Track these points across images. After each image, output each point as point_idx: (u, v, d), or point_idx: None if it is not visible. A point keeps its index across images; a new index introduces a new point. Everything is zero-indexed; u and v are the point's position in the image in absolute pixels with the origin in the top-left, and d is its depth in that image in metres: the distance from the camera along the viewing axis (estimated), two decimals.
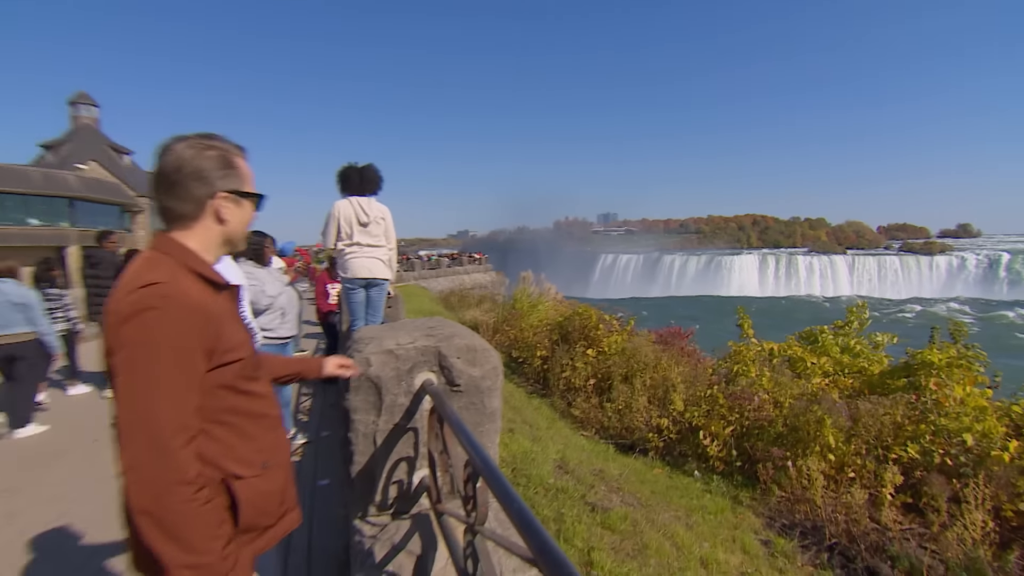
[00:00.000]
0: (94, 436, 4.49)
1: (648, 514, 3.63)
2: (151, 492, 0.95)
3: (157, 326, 1.00)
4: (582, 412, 6.70)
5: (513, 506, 0.97)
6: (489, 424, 2.09)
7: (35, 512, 3.15)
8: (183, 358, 1.03)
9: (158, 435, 0.97)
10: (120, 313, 1.02)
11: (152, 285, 1.03)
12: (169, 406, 0.99)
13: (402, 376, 1.96)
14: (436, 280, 30.81)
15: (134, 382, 0.99)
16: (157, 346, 1.00)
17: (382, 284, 3.95)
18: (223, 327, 1.12)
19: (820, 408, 4.85)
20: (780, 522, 4.35)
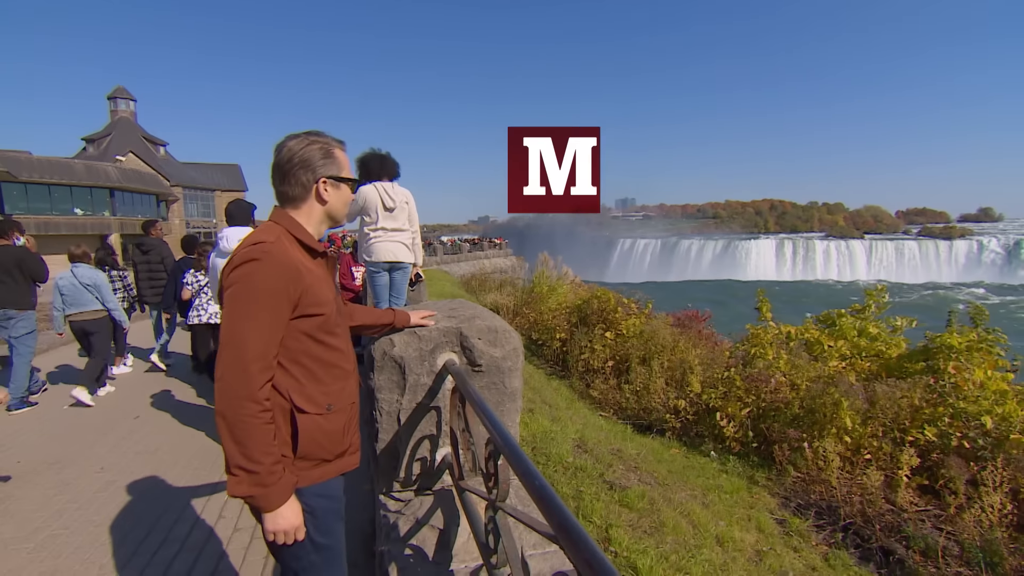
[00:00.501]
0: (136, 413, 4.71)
1: (665, 493, 3.71)
2: (227, 400, 1.20)
3: (256, 272, 1.26)
4: (600, 393, 6.78)
5: (534, 483, 1.04)
6: (510, 403, 2.17)
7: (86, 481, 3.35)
8: (273, 301, 1.27)
9: (242, 356, 1.22)
10: (233, 261, 1.30)
11: (260, 243, 1.30)
12: (255, 336, 1.24)
13: (425, 356, 2.05)
14: (457, 265, 31.06)
15: (233, 312, 1.25)
16: (255, 288, 1.25)
17: (405, 267, 4.04)
18: (312, 285, 1.35)
19: (837, 390, 4.85)
20: (795, 502, 4.40)
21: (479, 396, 1.65)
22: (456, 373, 1.92)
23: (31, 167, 27.41)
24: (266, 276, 1.26)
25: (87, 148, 38.21)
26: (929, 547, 3.54)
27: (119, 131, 37.88)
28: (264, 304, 1.26)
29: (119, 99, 39.90)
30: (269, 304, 1.26)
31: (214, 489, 3.20)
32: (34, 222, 26.55)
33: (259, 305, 1.25)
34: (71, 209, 29.01)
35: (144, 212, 33.34)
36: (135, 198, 32.90)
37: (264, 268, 1.26)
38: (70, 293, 5.19)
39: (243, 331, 1.23)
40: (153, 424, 4.45)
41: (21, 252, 4.96)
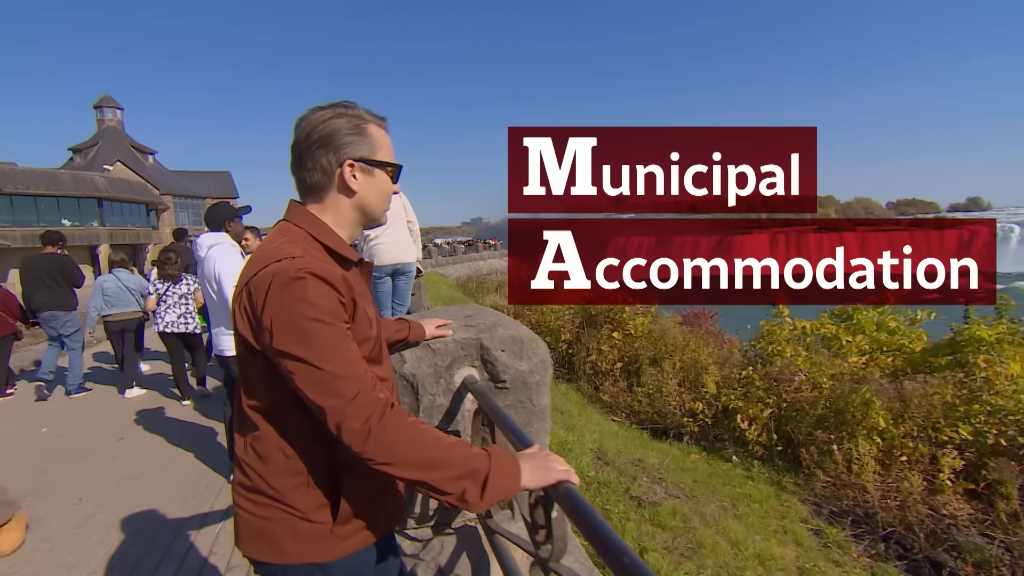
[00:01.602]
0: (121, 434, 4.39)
1: (695, 506, 3.44)
2: (374, 443, 0.91)
3: (307, 292, 0.95)
4: (611, 396, 6.51)
5: (620, 561, 0.76)
6: (539, 423, 1.89)
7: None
8: (338, 319, 0.98)
9: (347, 389, 0.93)
10: (259, 286, 0.97)
11: (289, 259, 0.97)
12: (344, 358, 0.95)
13: (440, 373, 1.76)
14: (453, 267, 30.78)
15: (302, 351, 0.93)
16: (314, 310, 0.94)
17: (409, 272, 3.74)
18: (357, 303, 1.06)
19: (868, 389, 4.60)
20: (828, 509, 4.13)
21: (511, 421, 1.37)
22: (479, 392, 1.63)
23: (16, 178, 26.91)
24: (320, 295, 0.96)
25: (74, 158, 37.60)
26: (986, 560, 3.28)
27: (106, 140, 37.26)
28: (333, 323, 0.96)
29: (105, 108, 39.22)
30: (338, 322, 0.98)
31: (203, 521, 2.90)
32: (20, 234, 26.09)
33: (329, 327, 0.95)
34: (58, 220, 28.45)
35: (134, 222, 32.87)
36: (124, 208, 32.35)
37: (314, 286, 0.95)
38: (113, 294, 5.58)
39: (329, 362, 0.93)
40: (139, 446, 4.13)
41: (63, 260, 5.68)
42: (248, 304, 0.99)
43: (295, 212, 1.12)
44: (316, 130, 1.09)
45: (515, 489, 0.97)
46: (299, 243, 1.04)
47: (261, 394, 1.04)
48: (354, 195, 1.12)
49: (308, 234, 1.08)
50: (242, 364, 1.07)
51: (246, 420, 1.07)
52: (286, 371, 0.94)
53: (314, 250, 1.05)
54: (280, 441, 1.03)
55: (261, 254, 1.03)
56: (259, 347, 0.99)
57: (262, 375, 1.02)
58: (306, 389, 0.93)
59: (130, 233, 31.57)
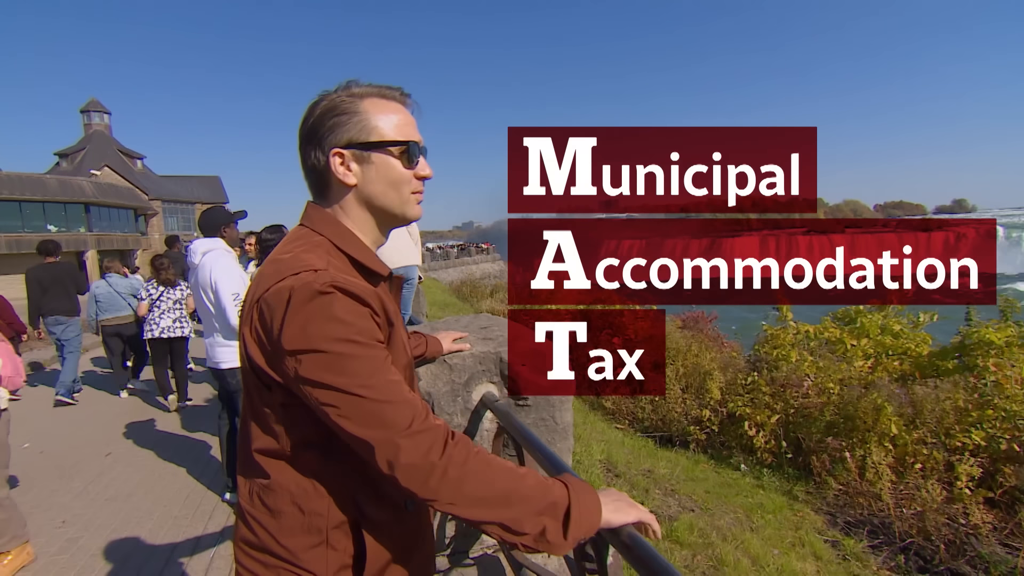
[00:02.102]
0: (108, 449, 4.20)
1: (711, 520, 3.31)
2: (436, 481, 0.75)
3: (336, 309, 0.78)
4: (613, 403, 6.38)
5: None
6: (562, 442, 1.75)
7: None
8: (375, 339, 0.82)
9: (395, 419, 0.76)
10: (274, 304, 0.80)
11: (312, 271, 0.81)
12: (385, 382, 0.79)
13: (458, 391, 1.63)
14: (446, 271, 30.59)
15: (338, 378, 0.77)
16: (346, 329, 0.78)
17: (411, 280, 3.57)
18: (393, 323, 0.90)
19: (878, 394, 4.50)
20: (843, 519, 4.03)
21: (545, 446, 1.23)
22: (502, 412, 1.50)
23: (0, 184, 26.41)
24: (352, 312, 0.79)
25: (60, 163, 36.97)
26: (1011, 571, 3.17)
27: (94, 145, 36.70)
28: (371, 343, 0.80)
29: (93, 112, 38.66)
30: (376, 343, 0.81)
31: (196, 545, 2.73)
32: (4, 240, 25.58)
33: (367, 348, 0.79)
34: (44, 226, 27.94)
35: (122, 227, 32.37)
36: (112, 213, 31.83)
37: (344, 303, 0.79)
38: (105, 300, 5.72)
39: (373, 389, 0.77)
40: (127, 462, 3.94)
41: (70, 267, 5.91)
42: (260, 325, 0.82)
43: (314, 216, 0.94)
44: (305, 123, 0.93)
45: (596, 525, 0.83)
46: (320, 253, 0.87)
47: (276, 435, 0.87)
48: (352, 190, 0.93)
49: (330, 243, 0.91)
50: (251, 398, 0.89)
51: (253, 465, 0.89)
52: (317, 404, 0.78)
53: (337, 261, 0.89)
54: (296, 493, 0.86)
55: (274, 265, 0.85)
56: (278, 377, 0.82)
57: (279, 412, 0.85)
58: (346, 423, 0.77)
59: (118, 239, 31.10)
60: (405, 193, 0.95)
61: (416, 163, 0.95)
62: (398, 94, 0.95)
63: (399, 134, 0.93)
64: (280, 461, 0.88)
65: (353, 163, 0.91)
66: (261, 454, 0.88)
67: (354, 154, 0.91)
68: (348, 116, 0.90)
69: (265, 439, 0.88)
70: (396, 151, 0.93)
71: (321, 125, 0.91)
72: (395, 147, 0.92)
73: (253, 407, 0.89)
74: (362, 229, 0.95)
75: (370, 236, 0.96)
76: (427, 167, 0.98)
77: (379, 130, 0.91)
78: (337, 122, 0.90)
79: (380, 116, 0.92)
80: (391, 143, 0.92)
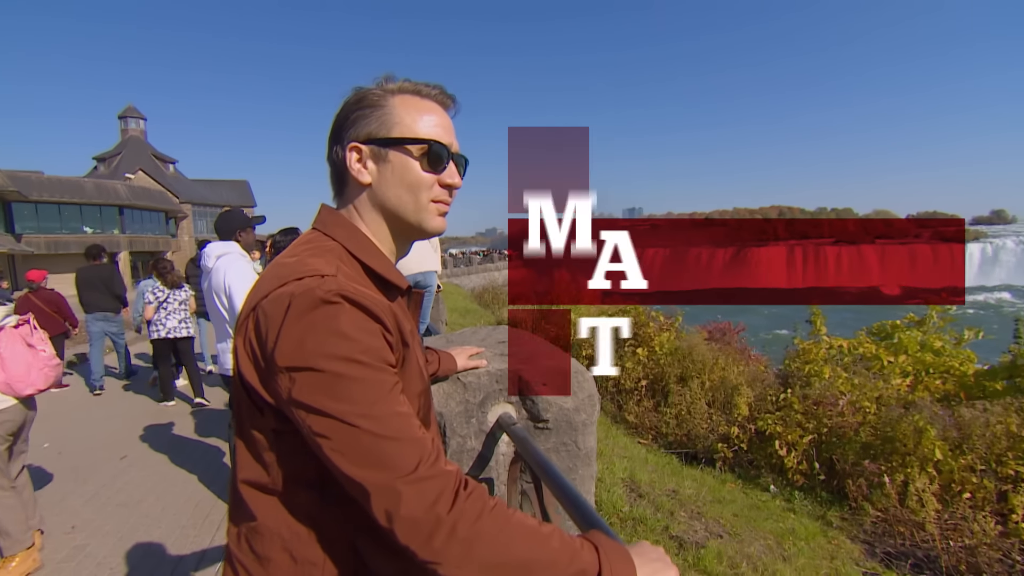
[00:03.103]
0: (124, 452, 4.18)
1: (740, 547, 3.11)
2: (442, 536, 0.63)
3: (341, 322, 0.67)
4: (636, 417, 6.18)
5: None
6: (584, 468, 1.61)
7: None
8: (383, 361, 0.70)
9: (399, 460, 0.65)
10: (272, 312, 0.69)
11: (318, 277, 0.71)
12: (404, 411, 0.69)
13: (472, 411, 1.49)
14: (468, 278, 30.62)
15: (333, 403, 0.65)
16: (349, 345, 0.67)
17: (430, 287, 3.46)
18: (408, 345, 0.79)
19: (920, 416, 4.23)
20: (882, 549, 3.77)
21: (564, 480, 1.09)
22: (520, 439, 1.36)
23: (41, 186, 27.36)
24: (360, 328, 0.68)
25: (98, 167, 38.38)
26: None
27: (129, 149, 37.98)
28: (378, 366, 0.69)
29: (129, 118, 40.16)
30: (384, 365, 0.70)
31: (201, 559, 2.65)
32: (44, 241, 26.50)
33: (373, 371, 0.68)
34: (80, 227, 28.95)
35: (153, 230, 33.28)
36: (144, 215, 32.81)
37: (352, 316, 0.68)
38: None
39: (375, 420, 0.65)
40: (141, 466, 3.91)
41: (110, 270, 6.38)
42: (255, 337, 0.71)
43: (327, 218, 0.85)
44: (335, 116, 0.85)
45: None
46: (329, 258, 0.77)
47: (266, 466, 0.75)
48: (367, 190, 0.84)
49: (344, 248, 0.81)
50: (241, 421, 0.77)
51: (240, 502, 0.77)
52: (310, 433, 0.66)
53: (350, 269, 0.78)
54: (288, 537, 0.74)
55: (276, 269, 0.75)
56: (270, 398, 0.71)
57: (270, 439, 0.74)
58: (340, 459, 0.65)
59: (149, 240, 31.96)
60: (423, 199, 0.84)
61: (442, 169, 0.85)
62: (436, 92, 0.86)
63: (424, 132, 0.83)
64: (270, 498, 0.76)
65: (370, 160, 0.82)
66: (249, 487, 0.76)
67: (372, 150, 0.82)
68: (372, 109, 0.82)
69: (254, 470, 0.76)
70: (416, 151, 0.82)
71: (346, 118, 0.83)
72: (415, 145, 0.82)
73: (243, 431, 0.77)
74: (377, 236, 0.85)
75: (386, 246, 0.87)
76: (455, 175, 0.87)
77: (402, 126, 0.82)
78: (361, 115, 0.82)
79: (408, 112, 0.82)
80: (412, 140, 0.82)
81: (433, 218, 0.86)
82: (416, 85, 0.85)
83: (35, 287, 6.52)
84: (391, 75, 0.86)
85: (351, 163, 0.82)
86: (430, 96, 0.86)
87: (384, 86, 0.84)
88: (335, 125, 0.85)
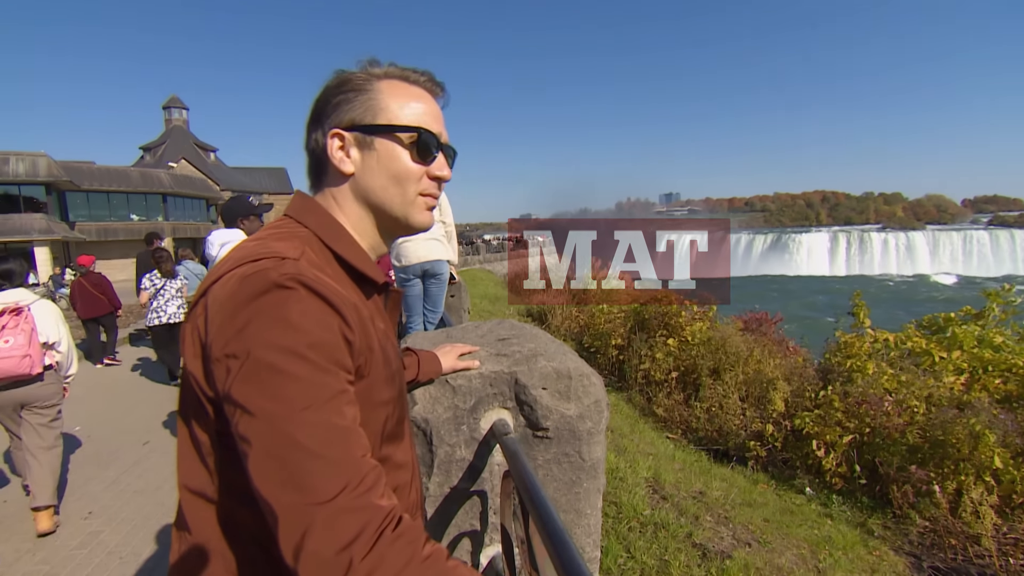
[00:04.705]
0: (147, 438, 4.23)
1: (770, 557, 2.91)
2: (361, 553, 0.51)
3: (289, 309, 0.58)
4: (665, 410, 5.97)
5: None
6: (589, 482, 1.45)
7: None
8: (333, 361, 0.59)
9: (337, 463, 0.54)
10: (220, 296, 0.61)
11: (276, 259, 0.62)
12: (343, 423, 0.57)
13: (462, 418, 1.35)
14: (500, 264, 30.56)
15: (262, 404, 0.55)
16: (293, 338, 0.57)
17: (440, 275, 3.34)
18: (373, 347, 0.68)
19: (977, 419, 3.89)
20: (930, 563, 3.49)
21: (551, 512, 0.93)
22: (509, 450, 1.21)
23: (92, 176, 28.58)
24: (312, 318, 0.59)
25: (144, 156, 39.95)
26: None
27: (173, 139, 39.38)
28: (324, 365, 0.58)
29: (173, 108, 41.59)
30: (332, 366, 0.59)
31: None
32: (95, 228, 27.72)
33: (317, 370, 0.57)
34: (128, 215, 30.17)
35: (195, 216, 34.38)
36: (186, 203, 33.95)
37: (305, 302, 0.59)
38: (191, 281, 6.11)
39: (303, 427, 0.54)
40: (163, 452, 3.95)
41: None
42: (202, 324, 0.62)
43: (300, 205, 0.77)
44: (315, 100, 0.78)
45: None
46: (296, 243, 0.68)
47: (208, 474, 0.65)
48: (349, 180, 0.76)
49: (315, 235, 0.73)
50: (186, 419, 0.67)
51: (181, 510, 0.68)
52: (237, 436, 0.56)
53: (318, 257, 0.70)
54: (227, 560, 0.64)
55: (235, 252, 0.67)
56: (210, 392, 0.62)
57: (213, 443, 0.64)
58: (253, 468, 0.54)
59: (191, 227, 33.03)
60: (410, 192, 0.78)
61: (431, 159, 0.78)
62: (425, 79, 0.80)
63: (413, 120, 0.76)
64: (208, 511, 0.65)
65: (353, 148, 0.76)
66: (191, 494, 0.66)
67: (356, 137, 0.75)
68: (357, 93, 0.75)
69: (195, 475, 0.66)
70: (406, 139, 0.76)
71: (327, 102, 0.77)
72: (405, 134, 0.76)
73: (188, 429, 0.67)
74: (357, 229, 0.78)
75: (366, 240, 0.79)
76: (445, 167, 0.81)
77: (389, 112, 0.75)
78: (344, 99, 0.75)
79: (395, 98, 0.76)
80: (400, 128, 0.75)
81: (420, 212, 0.80)
82: (404, 70, 0.79)
83: (84, 271, 7.21)
84: (375, 59, 0.79)
85: (332, 151, 0.75)
86: (418, 83, 0.79)
87: (369, 70, 0.77)
88: (314, 110, 0.78)
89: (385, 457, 0.73)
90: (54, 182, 25.30)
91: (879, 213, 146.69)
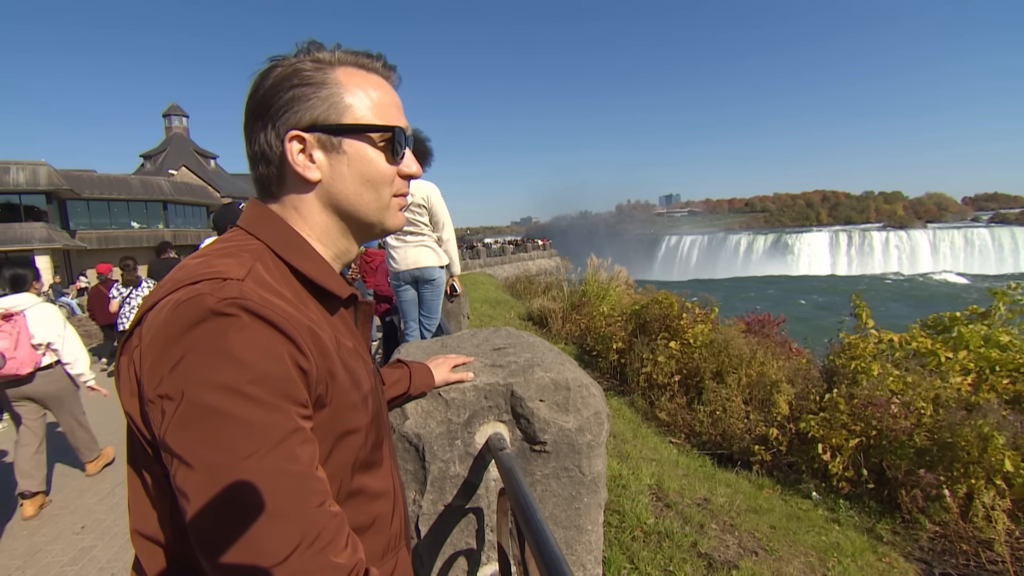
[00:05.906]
0: None
1: (777, 566, 2.84)
2: None
3: (231, 341, 0.52)
4: (668, 414, 5.89)
5: None
6: (589, 497, 1.39)
7: None
8: (283, 396, 0.53)
9: (290, 517, 0.49)
10: (154, 326, 0.54)
11: (217, 280, 0.56)
12: (296, 469, 0.51)
13: (456, 432, 1.29)
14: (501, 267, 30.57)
15: (203, 453, 0.49)
16: (237, 376, 0.51)
17: (434, 280, 3.28)
18: (335, 372, 0.61)
19: (985, 421, 3.82)
20: (941, 569, 3.41)
21: (546, 534, 0.88)
22: (504, 466, 1.15)
23: (92, 184, 28.62)
24: (256, 349, 0.52)
25: (145, 164, 40.02)
26: None
27: (173, 146, 39.42)
28: (273, 403, 0.52)
29: (173, 116, 41.63)
30: (283, 402, 0.53)
31: None
32: (95, 236, 27.74)
33: (264, 409, 0.51)
34: (128, 223, 30.20)
35: (195, 224, 34.40)
36: (187, 210, 33.97)
37: (248, 332, 0.53)
38: None
39: (251, 478, 0.49)
40: None
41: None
42: (136, 357, 0.55)
43: (253, 214, 0.69)
44: (252, 97, 0.67)
45: None
46: (244, 259, 0.61)
47: (158, 519, 0.59)
48: (315, 187, 0.68)
49: (268, 248, 0.65)
50: (132, 461, 0.61)
51: (136, 558, 0.62)
52: (175, 487, 0.51)
53: (271, 273, 0.62)
54: None
55: (175, 272, 0.60)
56: (149, 436, 0.56)
57: (159, 487, 0.58)
58: (195, 528, 0.49)
59: (191, 234, 33.03)
60: (385, 196, 0.71)
61: (402, 157, 0.72)
62: (380, 65, 0.71)
63: (382, 117, 0.68)
64: (163, 558, 0.59)
65: (318, 151, 0.67)
66: (142, 538, 0.60)
67: (320, 139, 0.66)
68: (313, 88, 0.66)
69: (145, 519, 0.60)
70: (378, 139, 0.69)
71: (275, 98, 0.65)
72: (377, 134, 0.68)
73: (136, 472, 0.60)
74: (322, 239, 0.70)
75: (332, 249, 0.72)
76: (413, 163, 0.74)
77: (355, 109, 0.67)
78: (297, 95, 0.65)
79: (357, 91, 0.67)
80: (372, 128, 0.68)
81: (395, 215, 0.74)
82: (357, 56, 0.69)
83: (103, 279, 7.61)
84: (317, 42, 0.69)
85: (293, 156, 0.66)
86: (375, 70, 0.70)
87: (317, 56, 0.67)
88: (259, 108, 0.66)
89: (359, 489, 0.66)
90: (55, 191, 25.33)
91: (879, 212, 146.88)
